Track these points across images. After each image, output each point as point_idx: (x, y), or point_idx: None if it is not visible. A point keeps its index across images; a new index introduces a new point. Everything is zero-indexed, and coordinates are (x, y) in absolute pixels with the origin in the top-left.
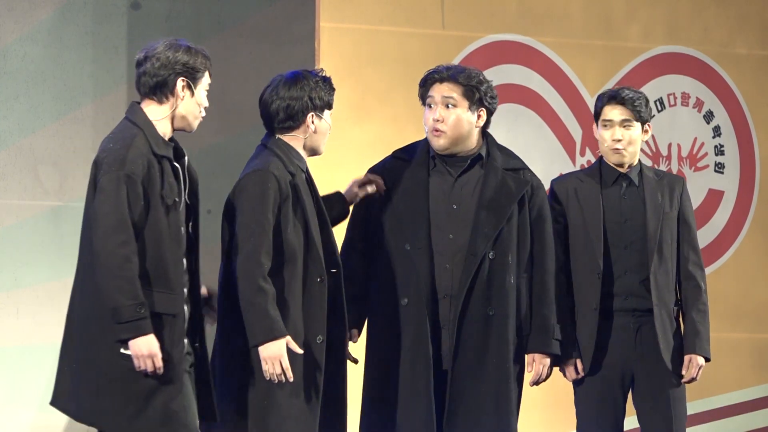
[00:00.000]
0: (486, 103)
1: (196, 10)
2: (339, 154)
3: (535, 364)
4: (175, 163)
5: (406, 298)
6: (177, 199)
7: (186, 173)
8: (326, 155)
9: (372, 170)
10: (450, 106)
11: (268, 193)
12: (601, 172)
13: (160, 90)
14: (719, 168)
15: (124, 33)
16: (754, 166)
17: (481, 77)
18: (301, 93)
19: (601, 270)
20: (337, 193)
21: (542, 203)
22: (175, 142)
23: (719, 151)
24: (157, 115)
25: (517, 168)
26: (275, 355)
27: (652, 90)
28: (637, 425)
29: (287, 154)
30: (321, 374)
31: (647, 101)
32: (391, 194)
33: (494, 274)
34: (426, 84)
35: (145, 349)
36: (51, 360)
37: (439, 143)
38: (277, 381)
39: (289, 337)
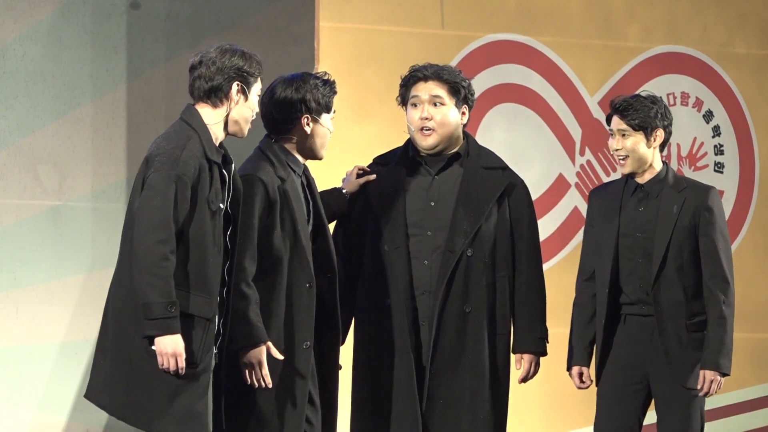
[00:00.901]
0: (469, 101)
1: (195, 10)
2: (338, 153)
3: (523, 362)
4: (224, 170)
5: (389, 299)
6: (221, 206)
7: (231, 182)
8: (326, 154)
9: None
10: (438, 104)
11: (254, 198)
12: (626, 183)
13: (215, 94)
14: (719, 168)
15: (123, 32)
16: (753, 165)
17: (462, 74)
18: (296, 95)
19: (608, 285)
20: (336, 189)
21: (522, 203)
22: (224, 149)
23: (719, 150)
24: (212, 119)
25: (496, 167)
26: (254, 361)
27: (651, 90)
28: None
29: (279, 158)
30: (307, 380)
31: (652, 107)
32: (371, 199)
33: (471, 271)
34: (408, 83)
35: (170, 347)
36: (50, 360)
37: (428, 142)
38: (256, 386)
39: (269, 343)
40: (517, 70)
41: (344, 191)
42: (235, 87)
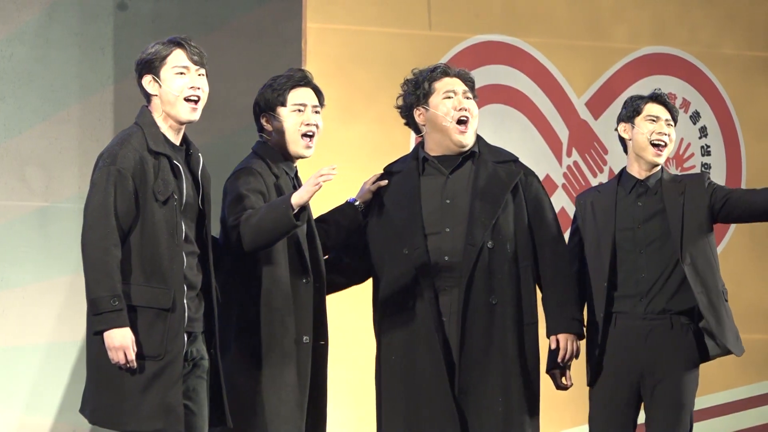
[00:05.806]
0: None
1: (182, 11)
2: (325, 154)
3: (559, 342)
4: (175, 162)
5: (412, 299)
6: (176, 196)
7: (200, 178)
8: (313, 155)
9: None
10: (469, 98)
11: (252, 185)
12: (620, 181)
13: (144, 95)
14: (705, 168)
15: (110, 34)
16: (740, 166)
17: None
18: (257, 97)
19: (607, 278)
20: (347, 203)
21: (537, 191)
22: (187, 144)
23: (705, 151)
24: (156, 114)
25: (507, 160)
26: (307, 192)
27: (638, 91)
28: None
29: (272, 157)
30: (308, 375)
31: None
32: (386, 206)
33: (494, 263)
34: (431, 79)
35: (117, 341)
36: (38, 361)
37: (467, 139)
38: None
39: None
40: (504, 71)
41: (357, 203)
42: (145, 81)
